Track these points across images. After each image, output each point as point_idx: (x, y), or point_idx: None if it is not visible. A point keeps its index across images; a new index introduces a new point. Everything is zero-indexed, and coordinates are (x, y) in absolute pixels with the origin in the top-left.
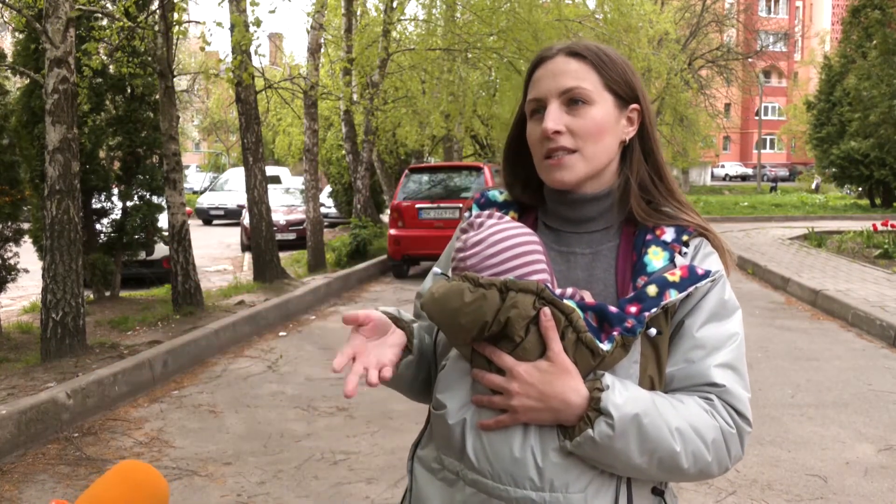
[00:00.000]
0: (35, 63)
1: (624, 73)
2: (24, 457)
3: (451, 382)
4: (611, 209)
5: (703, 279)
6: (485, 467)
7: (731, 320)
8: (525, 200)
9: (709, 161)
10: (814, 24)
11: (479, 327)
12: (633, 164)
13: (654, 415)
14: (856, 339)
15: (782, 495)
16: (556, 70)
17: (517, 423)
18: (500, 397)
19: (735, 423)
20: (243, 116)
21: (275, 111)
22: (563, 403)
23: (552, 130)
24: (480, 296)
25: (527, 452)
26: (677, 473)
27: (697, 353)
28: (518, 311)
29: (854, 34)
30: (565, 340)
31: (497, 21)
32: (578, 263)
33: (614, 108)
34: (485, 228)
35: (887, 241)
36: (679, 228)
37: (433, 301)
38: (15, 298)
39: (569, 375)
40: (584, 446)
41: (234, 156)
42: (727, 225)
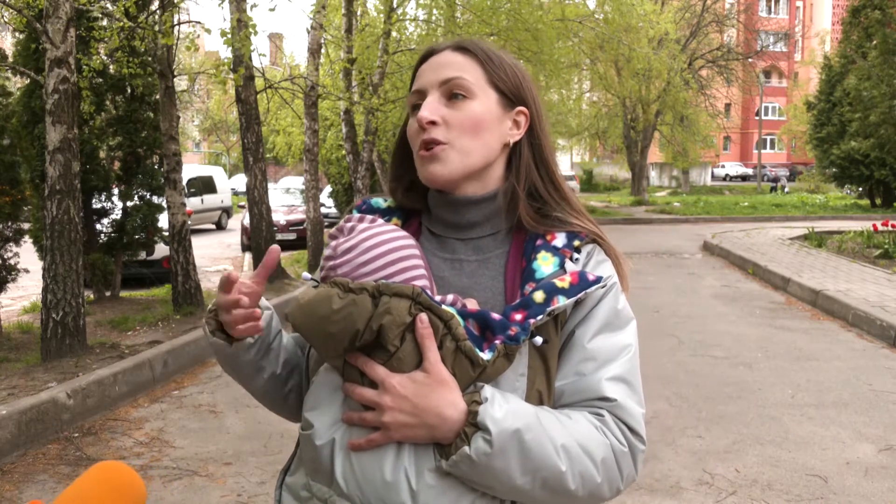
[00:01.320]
0: (35, 63)
1: (513, 74)
2: (24, 457)
3: (319, 399)
4: (497, 214)
5: (594, 285)
6: (354, 492)
7: (625, 331)
8: (408, 205)
9: (709, 161)
10: (814, 24)
11: (350, 336)
12: (519, 168)
13: (537, 430)
14: (856, 339)
15: (782, 495)
16: (441, 62)
17: (390, 441)
18: (371, 413)
19: (627, 440)
20: (243, 116)
21: (275, 111)
22: (438, 418)
23: (426, 120)
24: (350, 301)
25: (400, 474)
26: (564, 496)
27: (588, 366)
28: (392, 318)
29: (854, 34)
30: (443, 349)
31: (497, 21)
32: (464, 270)
33: (497, 106)
34: (356, 233)
35: (887, 242)
36: (571, 234)
37: (299, 309)
38: (15, 298)
39: (446, 387)
40: (460, 465)
41: (234, 156)
42: (727, 225)
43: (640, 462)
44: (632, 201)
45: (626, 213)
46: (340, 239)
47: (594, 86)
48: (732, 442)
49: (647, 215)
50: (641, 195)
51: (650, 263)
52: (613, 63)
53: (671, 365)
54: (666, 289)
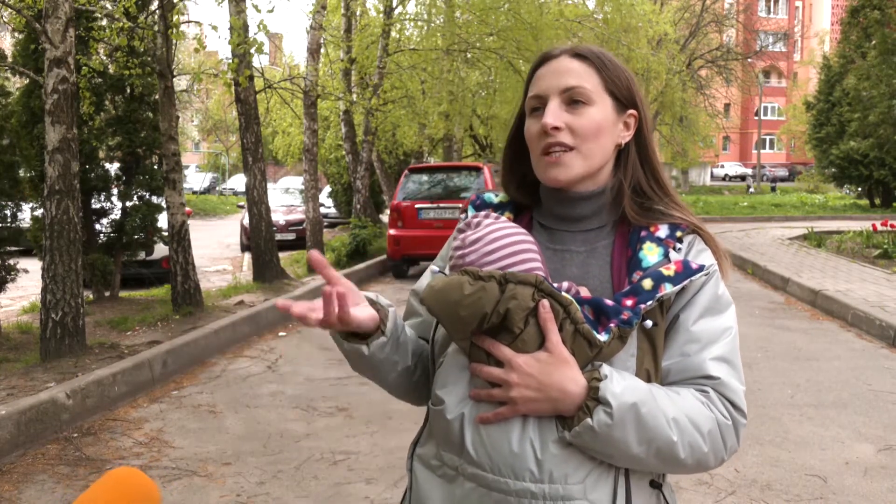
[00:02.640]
0: (35, 63)
1: (625, 79)
2: (23, 457)
3: (449, 377)
4: (604, 208)
5: (698, 273)
6: (484, 461)
7: (726, 315)
8: (520, 199)
9: (708, 161)
10: (813, 24)
11: (479, 319)
12: (627, 167)
13: (651, 404)
14: (855, 339)
15: (782, 495)
16: (560, 69)
17: (516, 415)
18: (498, 390)
19: (730, 414)
20: (243, 116)
21: (275, 111)
22: (561, 393)
23: (551, 126)
24: (480, 288)
25: (525, 444)
26: (674, 464)
27: (693, 347)
28: (517, 303)
29: (853, 34)
30: (563, 332)
31: (497, 21)
32: (574, 261)
33: (612, 111)
34: (482, 227)
35: (887, 241)
36: (672, 225)
37: (433, 293)
38: (15, 298)
39: (567, 366)
40: (582, 436)
41: (233, 156)
42: (727, 225)
43: (742, 435)
44: None
45: None
46: (469, 231)
47: None
48: None
49: None
50: None
51: None
52: None
53: None
54: None
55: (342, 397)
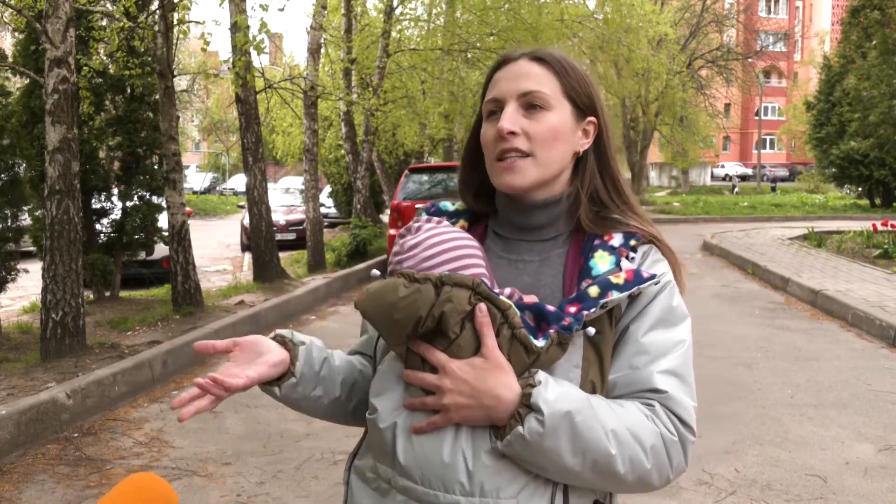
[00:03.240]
0: (35, 63)
1: (585, 84)
2: (23, 457)
3: (384, 385)
4: (560, 217)
5: (648, 282)
6: (415, 472)
7: (679, 328)
8: (477, 208)
9: (709, 161)
10: (813, 24)
11: (414, 322)
12: (584, 175)
13: (587, 414)
14: (855, 339)
15: (782, 495)
16: (519, 72)
17: (450, 423)
18: (432, 397)
19: (677, 430)
20: (243, 116)
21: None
22: (494, 399)
23: (507, 130)
24: (415, 290)
25: (457, 455)
26: (613, 479)
27: (641, 359)
28: (453, 306)
29: (853, 34)
30: (500, 337)
31: (497, 21)
32: (527, 270)
33: (571, 118)
34: (422, 232)
35: (887, 241)
36: (627, 234)
37: (367, 296)
38: (15, 298)
39: (502, 372)
40: (514, 445)
41: (234, 156)
42: (727, 225)
43: (691, 453)
44: None
45: None
46: (408, 237)
47: None
48: (732, 442)
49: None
50: (641, 195)
51: None
52: (613, 63)
53: None
54: None
55: None
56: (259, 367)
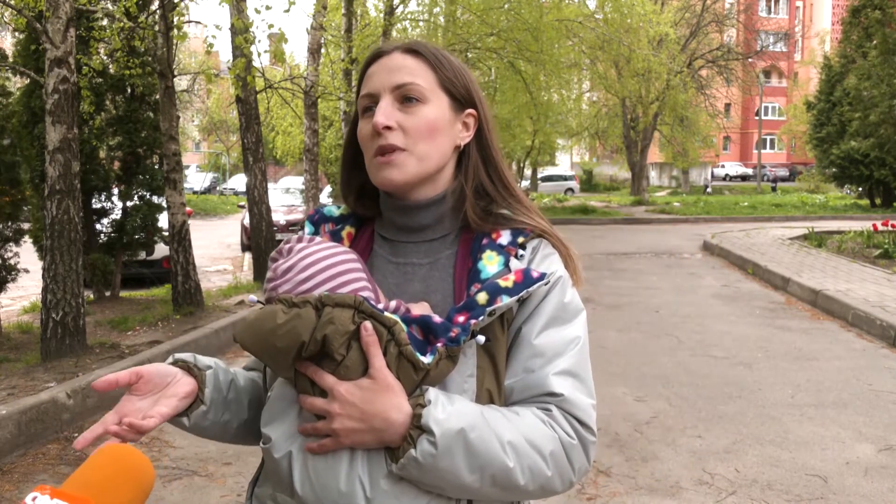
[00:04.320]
0: (35, 63)
1: (462, 76)
2: (24, 457)
3: (275, 413)
4: (446, 215)
5: (538, 282)
6: (312, 502)
7: (573, 324)
8: (360, 211)
9: (709, 161)
10: (814, 24)
11: (297, 349)
12: (468, 169)
13: (482, 428)
14: (856, 339)
15: (782, 495)
16: (392, 65)
17: (341, 447)
18: (323, 422)
19: (576, 432)
20: (243, 116)
21: (275, 111)
22: (385, 422)
23: (382, 125)
24: (294, 315)
25: (354, 482)
26: (515, 491)
27: (536, 362)
28: (335, 327)
29: (854, 34)
30: (387, 355)
31: (497, 21)
32: (416, 275)
33: (449, 110)
34: (293, 254)
35: (887, 241)
36: (515, 231)
37: (246, 328)
38: (15, 298)
39: (391, 392)
40: (408, 468)
41: (234, 156)
42: (727, 225)
43: (593, 453)
44: (632, 201)
45: (625, 213)
46: (280, 260)
47: (594, 86)
48: (732, 442)
49: (646, 215)
50: (641, 195)
51: (650, 263)
52: (613, 63)
53: (671, 365)
54: (666, 289)
55: None
56: (170, 402)
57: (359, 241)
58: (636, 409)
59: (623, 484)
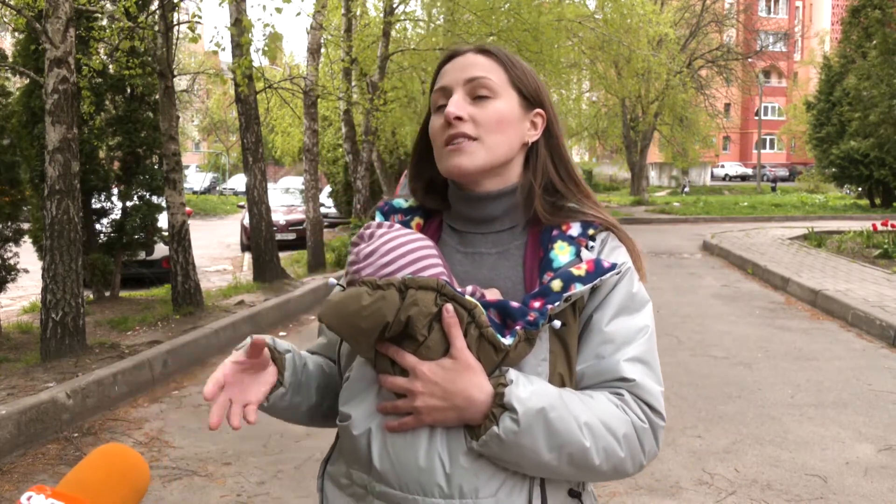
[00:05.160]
0: (35, 63)
1: (532, 79)
2: (23, 457)
3: (355, 392)
4: (515, 208)
5: (609, 272)
6: (391, 477)
7: (641, 313)
8: (429, 204)
9: (708, 161)
10: (813, 24)
11: (380, 329)
12: (536, 166)
13: (561, 409)
14: (855, 339)
15: (782, 495)
16: (465, 63)
17: (422, 425)
18: (404, 400)
19: (647, 417)
20: (243, 116)
21: (275, 111)
22: (466, 401)
23: (454, 115)
24: (379, 297)
25: (434, 458)
26: (589, 471)
27: (607, 348)
28: (419, 309)
29: (854, 34)
30: (468, 337)
31: (497, 21)
32: (485, 263)
33: (518, 107)
34: (375, 238)
35: (887, 241)
36: (585, 223)
37: (331, 308)
38: (15, 298)
39: (472, 372)
40: (490, 444)
41: (234, 156)
42: (727, 225)
43: (661, 438)
44: (631, 201)
45: (625, 213)
46: (362, 245)
47: (594, 86)
48: (732, 442)
49: (646, 215)
50: (641, 195)
51: (650, 263)
52: (613, 63)
53: (671, 365)
54: (666, 288)
55: None
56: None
57: (426, 232)
58: None
59: (623, 484)
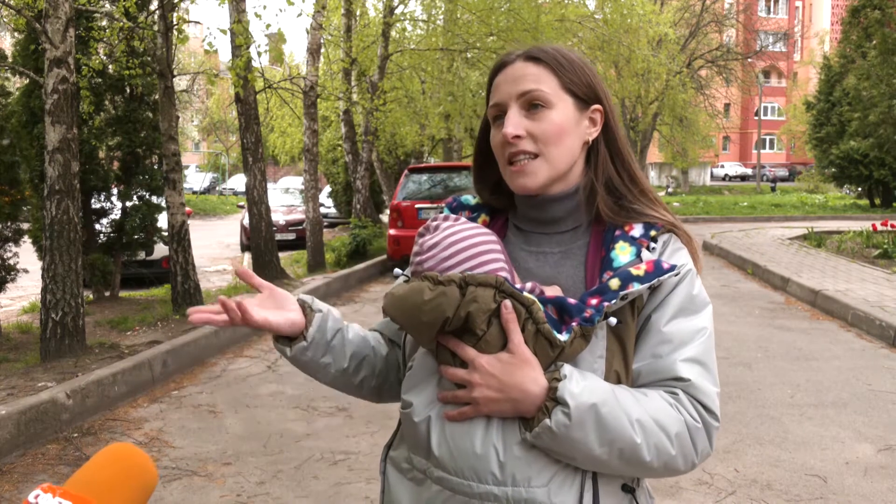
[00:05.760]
0: (35, 63)
1: (584, 75)
2: (23, 457)
3: (417, 381)
4: (578, 209)
5: (668, 273)
6: (448, 463)
7: (700, 315)
8: (495, 204)
9: (708, 161)
10: (813, 24)
11: (441, 323)
12: (597, 164)
13: (613, 405)
14: (855, 339)
15: (782, 495)
16: (516, 74)
17: (479, 415)
18: (463, 391)
19: (701, 417)
20: (243, 116)
21: (275, 111)
22: (522, 393)
23: (512, 135)
24: (440, 293)
25: (489, 446)
26: (640, 467)
27: (664, 348)
28: (478, 305)
29: (853, 34)
30: (525, 332)
31: (497, 21)
32: (548, 262)
33: (574, 110)
34: (440, 231)
35: (887, 241)
36: (647, 224)
37: (394, 301)
38: (14, 298)
39: (529, 366)
40: (542, 437)
41: (233, 156)
42: (727, 225)
43: (715, 438)
44: None
45: None
46: (427, 236)
47: None
48: (732, 442)
49: None
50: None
51: None
52: (613, 63)
53: None
54: None
55: (342, 397)
56: (278, 317)
57: (492, 229)
58: None
59: None
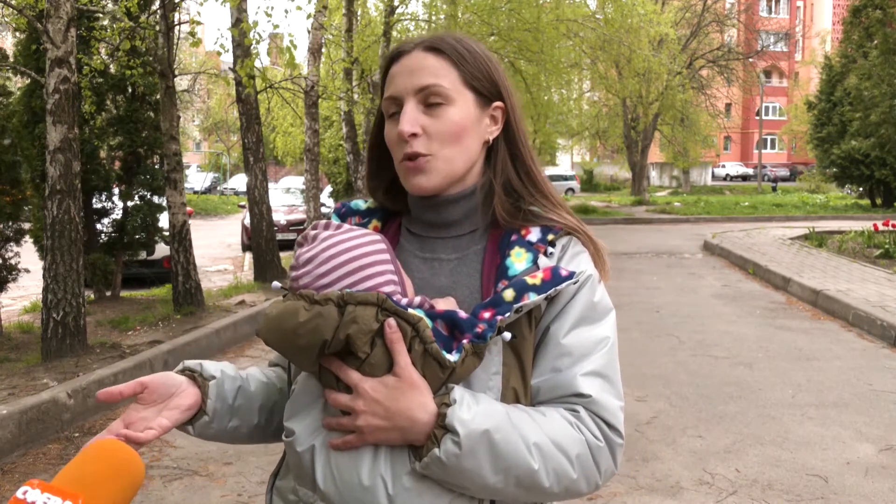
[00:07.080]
0: (36, 63)
1: (486, 69)
2: (24, 456)
3: (299, 407)
4: (475, 211)
5: (567, 281)
6: (334, 496)
7: (602, 324)
8: (389, 205)
9: (709, 161)
10: (814, 23)
11: (319, 347)
12: (496, 164)
13: (507, 430)
14: (856, 339)
15: (783, 495)
16: (413, 66)
17: (365, 444)
18: (347, 418)
19: (604, 435)
20: (244, 116)
21: (275, 111)
22: (409, 421)
23: (408, 133)
24: (316, 314)
25: (376, 478)
26: (540, 493)
27: (564, 361)
28: (359, 326)
29: (855, 34)
30: (413, 352)
31: (498, 21)
32: (443, 270)
33: (475, 107)
34: (318, 242)
35: (888, 241)
36: (545, 228)
37: (268, 323)
38: (16, 298)
39: (416, 390)
40: (431, 467)
41: (234, 156)
42: (727, 225)
43: (619, 456)
44: (632, 201)
45: (626, 213)
46: (304, 248)
47: (594, 85)
48: (733, 442)
49: (647, 215)
50: (642, 195)
51: (651, 263)
52: (614, 63)
53: (671, 365)
54: (666, 288)
55: None
56: (171, 414)
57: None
58: (637, 409)
59: (623, 484)
